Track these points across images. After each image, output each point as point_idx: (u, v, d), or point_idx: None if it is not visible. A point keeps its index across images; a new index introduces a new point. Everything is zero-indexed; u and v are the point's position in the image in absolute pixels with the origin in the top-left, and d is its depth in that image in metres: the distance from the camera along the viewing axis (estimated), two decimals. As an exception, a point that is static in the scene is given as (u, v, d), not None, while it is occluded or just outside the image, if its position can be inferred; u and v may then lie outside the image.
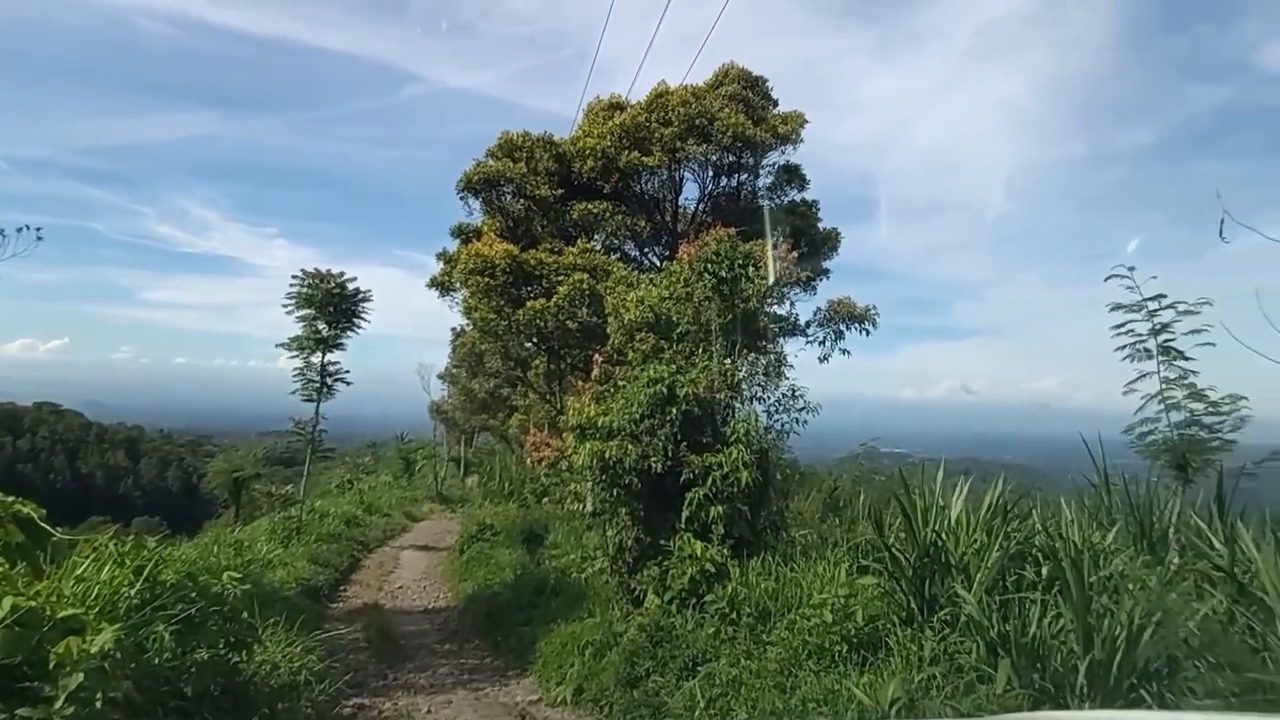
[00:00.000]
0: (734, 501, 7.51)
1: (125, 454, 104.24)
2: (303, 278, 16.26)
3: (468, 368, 35.47)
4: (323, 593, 13.31)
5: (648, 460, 7.51)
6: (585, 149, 15.81)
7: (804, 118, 17.10)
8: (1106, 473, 8.32)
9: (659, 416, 7.66)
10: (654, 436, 7.63)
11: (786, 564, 7.24)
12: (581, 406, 7.96)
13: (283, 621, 9.10)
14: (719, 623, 6.69)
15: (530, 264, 14.37)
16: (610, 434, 7.67)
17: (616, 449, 7.40)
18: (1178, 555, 6.79)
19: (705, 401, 7.83)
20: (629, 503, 7.81)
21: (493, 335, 15.57)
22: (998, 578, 5.82)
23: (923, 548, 6.09)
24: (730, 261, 8.40)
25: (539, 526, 15.56)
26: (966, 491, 6.68)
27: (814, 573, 6.94)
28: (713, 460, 7.47)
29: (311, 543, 15.41)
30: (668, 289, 9.00)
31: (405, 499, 26.98)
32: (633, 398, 7.75)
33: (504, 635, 10.51)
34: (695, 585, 7.06)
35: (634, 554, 7.95)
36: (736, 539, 7.49)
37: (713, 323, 8.44)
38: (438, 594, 14.31)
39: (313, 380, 16.52)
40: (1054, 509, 7.98)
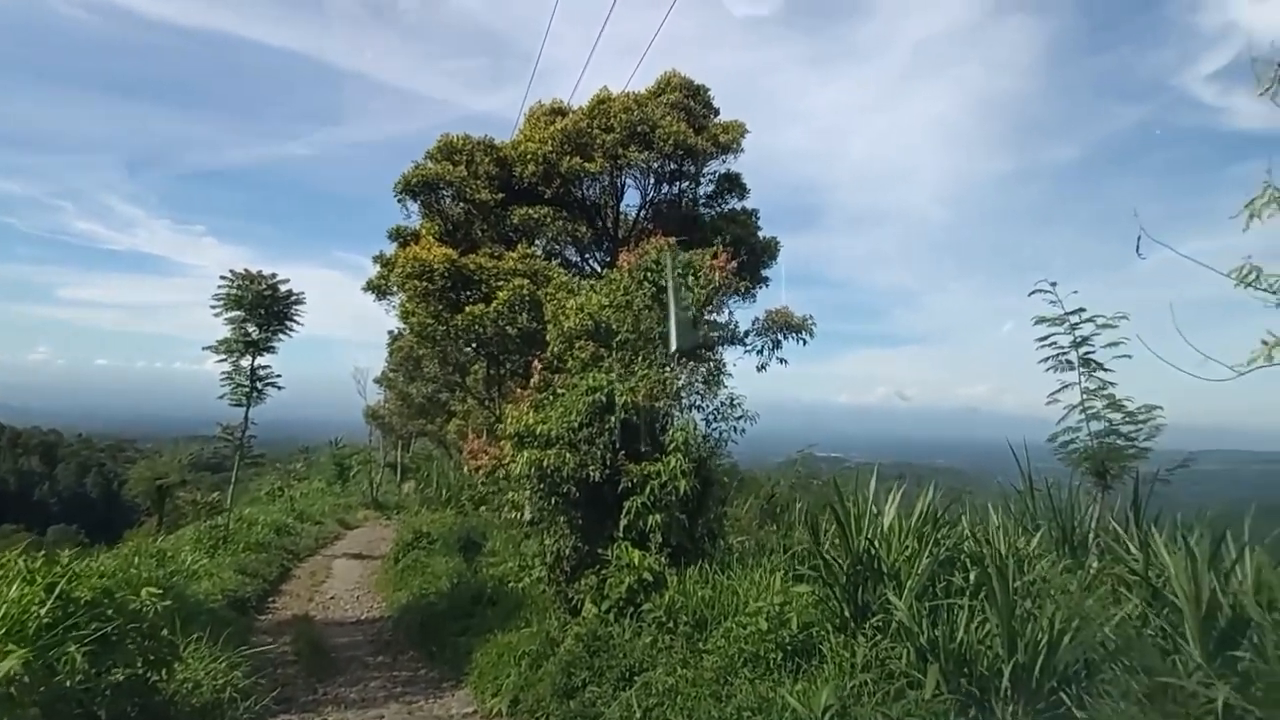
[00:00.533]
0: (672, 510, 7.52)
1: (41, 459, 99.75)
2: (232, 278, 15.92)
3: (405, 372, 34.94)
4: (250, 604, 12.94)
5: (586, 469, 7.48)
6: (526, 153, 15.72)
7: (745, 127, 17.33)
8: (1031, 479, 8.63)
9: (597, 425, 7.64)
10: (592, 445, 7.60)
11: (724, 572, 7.28)
12: (520, 414, 7.89)
13: (207, 636, 8.86)
14: (656, 632, 6.70)
15: (469, 269, 14.21)
16: (548, 442, 7.62)
17: (555, 457, 7.35)
18: (1096, 560, 7.08)
19: (644, 410, 7.84)
20: (567, 511, 7.76)
21: (430, 340, 15.33)
22: (928, 584, 5.96)
23: (856, 555, 6.20)
24: (670, 270, 8.43)
25: (477, 534, 15.34)
26: (899, 498, 6.82)
27: (750, 580, 6.99)
28: (651, 469, 7.48)
29: (239, 552, 15.02)
30: (608, 297, 8.99)
31: (339, 506, 26.40)
32: (571, 406, 7.72)
33: (439, 646, 10.35)
34: (633, 594, 7.06)
35: (571, 563, 7.91)
36: (674, 547, 7.51)
37: (652, 331, 8.45)
38: (371, 604, 14.03)
39: (242, 385, 16.21)
40: (982, 514, 8.24)
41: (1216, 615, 3.98)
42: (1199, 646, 3.93)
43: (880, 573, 6.22)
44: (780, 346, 9.28)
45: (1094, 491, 7.73)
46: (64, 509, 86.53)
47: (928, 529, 7.03)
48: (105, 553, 14.97)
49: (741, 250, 14.48)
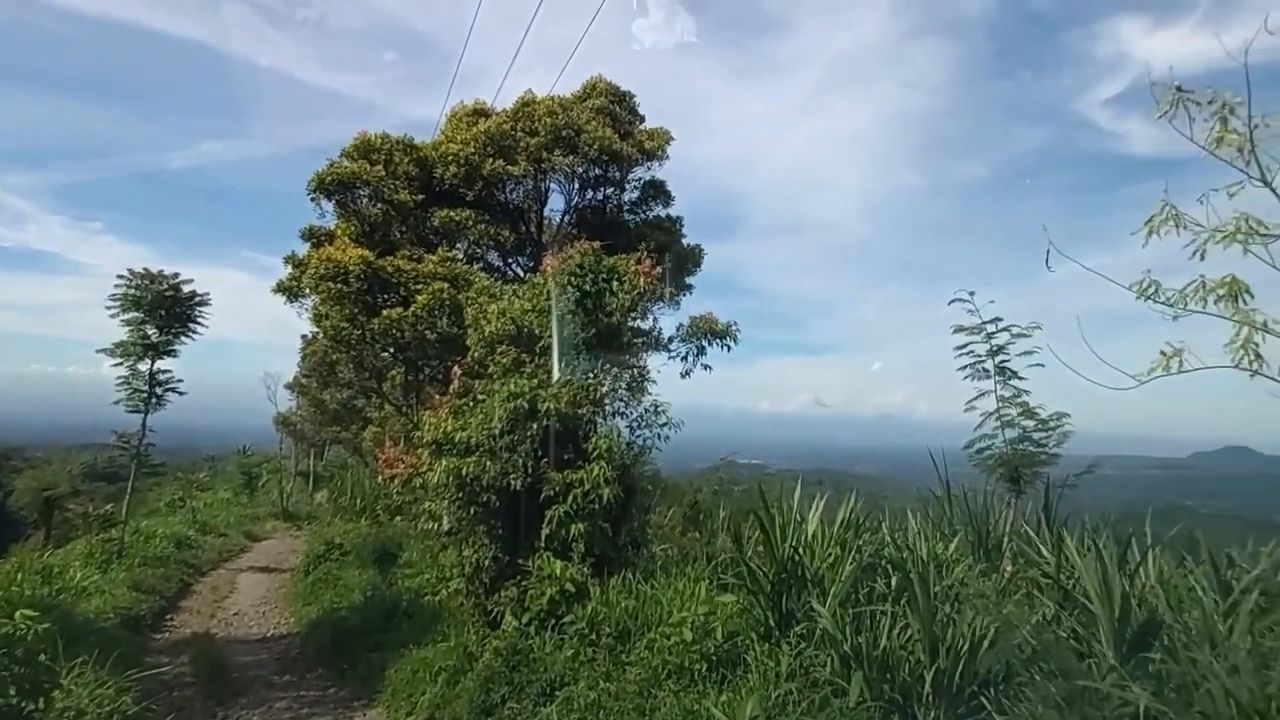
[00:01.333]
0: (595, 518, 7.38)
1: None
2: (130, 278, 15.01)
3: (318, 377, 33.75)
4: (146, 623, 12.23)
5: (507, 477, 7.27)
6: (448, 155, 15.34)
7: (670, 134, 17.35)
8: (949, 485, 8.83)
9: (519, 432, 7.44)
10: (514, 453, 7.40)
11: (647, 581, 7.17)
12: (438, 421, 7.61)
13: (94, 659, 8.31)
14: (578, 644, 6.52)
15: (387, 271, 13.75)
16: (468, 450, 7.37)
17: (474, 465, 7.11)
18: (1010, 564, 7.26)
19: (567, 417, 7.67)
20: (486, 521, 7.52)
21: (345, 345, 14.75)
22: (851, 590, 5.98)
23: (781, 562, 6.17)
24: (594, 275, 8.30)
25: (392, 545, 14.88)
26: (823, 506, 6.84)
27: (675, 589, 6.90)
28: (574, 477, 7.31)
29: (135, 567, 14.19)
30: (530, 301, 8.79)
31: (246, 517, 25.24)
32: (492, 412, 7.49)
33: (350, 663, 9.94)
34: (555, 606, 6.87)
35: (491, 574, 7.67)
36: (598, 557, 7.36)
37: (576, 337, 8.30)
38: (278, 620, 13.41)
39: (140, 390, 15.30)
40: (900, 520, 8.38)
41: (1130, 618, 4.07)
42: (1113, 649, 4.01)
43: (804, 580, 6.21)
44: (704, 353, 9.27)
45: (1007, 497, 7.94)
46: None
47: (849, 535, 7.09)
48: None
49: (666, 257, 14.44)
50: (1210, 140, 4.79)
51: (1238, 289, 4.71)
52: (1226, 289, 4.71)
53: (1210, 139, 4.77)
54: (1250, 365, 4.52)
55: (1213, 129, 4.79)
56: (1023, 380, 7.24)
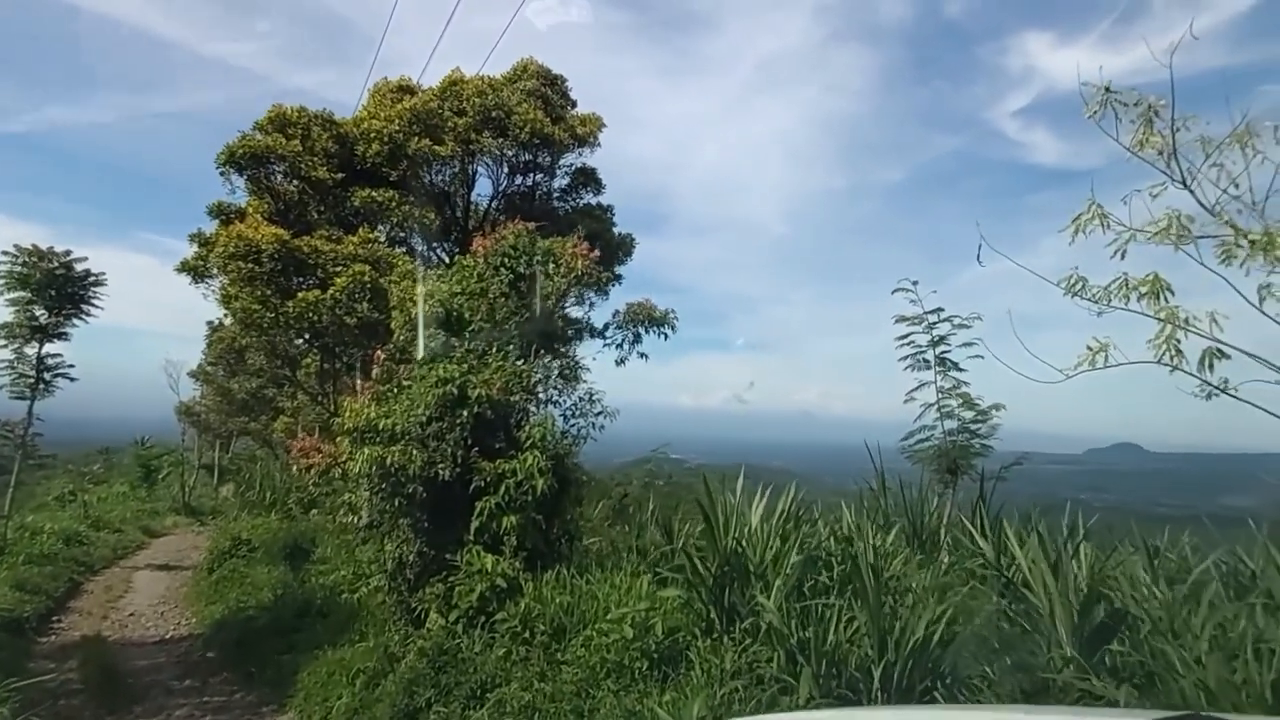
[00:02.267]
0: (528, 511, 7.03)
1: None
2: (16, 254, 14.05)
3: (225, 365, 32.10)
4: (29, 625, 11.39)
5: (435, 467, 6.85)
6: (370, 131, 14.63)
7: (602, 121, 17.03)
8: (884, 477, 8.83)
9: (448, 419, 7.02)
10: (442, 441, 6.98)
11: (582, 576, 6.88)
12: (360, 408, 7.12)
13: None
14: (510, 643, 6.17)
15: (304, 251, 12.99)
16: (393, 438, 6.92)
17: (399, 455, 6.67)
18: (947, 554, 7.26)
19: (499, 404, 7.29)
20: (411, 514, 7.08)
21: (257, 329, 13.92)
22: (796, 584, 5.82)
23: (723, 555, 5.97)
24: (528, 257, 7.94)
25: (305, 540, 14.19)
26: (766, 498, 6.67)
27: (611, 584, 6.63)
28: (506, 467, 6.95)
29: (18, 565, 13.22)
30: (459, 283, 8.36)
31: (144, 512, 23.85)
32: (419, 398, 7.05)
33: (259, 665, 9.38)
34: (484, 602, 6.50)
35: (416, 570, 7.23)
36: (530, 551, 7.02)
37: (508, 321, 7.93)
38: (179, 621, 12.64)
39: (26, 375, 14.24)
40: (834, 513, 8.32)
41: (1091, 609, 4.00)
42: (1072, 640, 3.93)
43: (748, 573, 6.03)
44: (640, 341, 9.01)
45: (940, 488, 7.97)
46: None
47: (789, 527, 6.95)
48: None
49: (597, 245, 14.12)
50: (1134, 142, 4.84)
51: (1159, 286, 4.77)
52: (1149, 286, 4.78)
53: (1134, 140, 4.82)
54: (1171, 360, 4.59)
55: (1138, 131, 4.84)
56: (963, 371, 7.27)
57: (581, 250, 7.98)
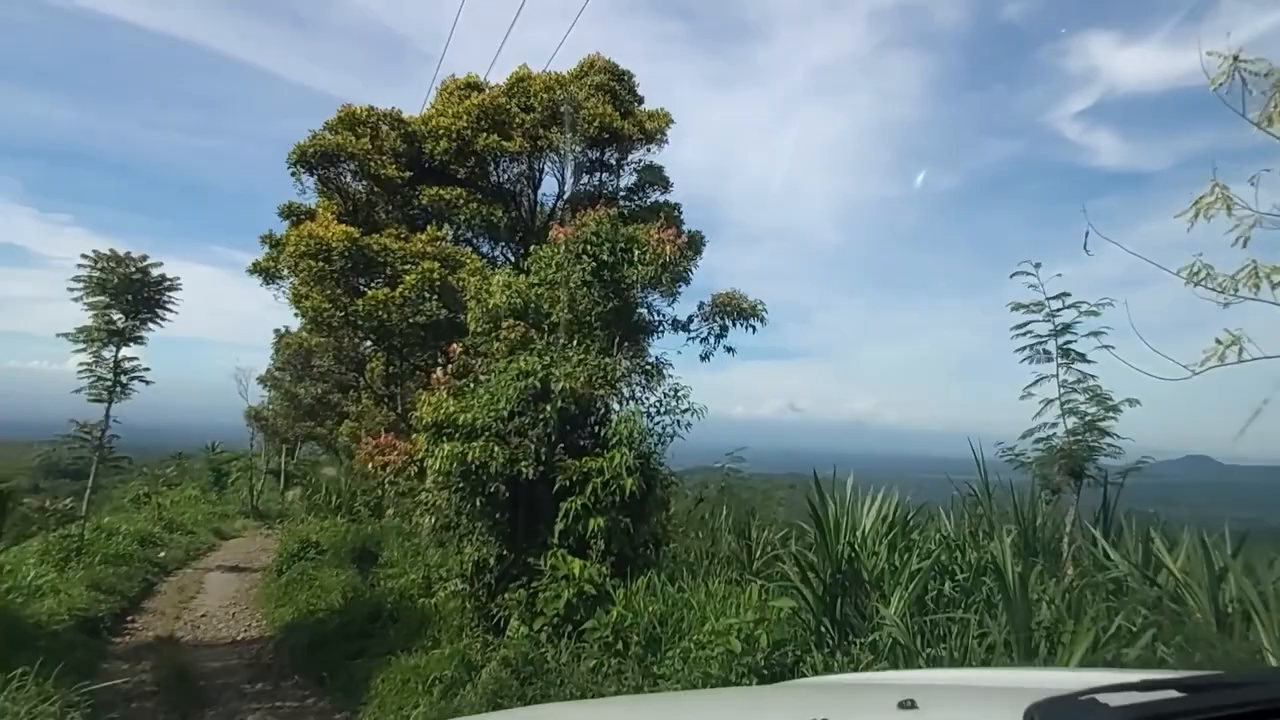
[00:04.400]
0: (615, 512, 6.57)
1: None
2: (95, 259, 14.26)
3: (292, 371, 32.50)
4: (104, 625, 11.36)
5: (517, 465, 6.43)
6: (438, 128, 14.41)
7: (670, 117, 16.55)
8: (988, 482, 8.11)
9: (530, 414, 6.61)
10: (524, 437, 6.57)
11: (673, 583, 6.38)
12: (438, 401, 6.75)
13: (41, 666, 7.48)
14: (601, 654, 5.70)
15: (373, 249, 12.79)
16: (472, 434, 6.52)
17: (480, 451, 6.27)
18: (1072, 566, 6.56)
19: (583, 399, 6.86)
20: (492, 514, 6.68)
21: (326, 329, 13.80)
22: (917, 595, 5.22)
23: (835, 562, 5.41)
24: (611, 244, 7.50)
25: (372, 544, 14.03)
26: (880, 501, 6.06)
27: (705, 592, 6.12)
28: (593, 465, 6.50)
29: (95, 565, 13.27)
30: (537, 274, 7.97)
31: (215, 514, 24.28)
32: (500, 392, 6.65)
33: (330, 670, 9.09)
34: (571, 610, 6.04)
35: (495, 574, 6.82)
36: (617, 555, 6.55)
37: (590, 312, 7.49)
38: (249, 622, 12.53)
39: (104, 378, 14.51)
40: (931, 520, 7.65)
41: None
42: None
43: (861, 582, 5.46)
44: (725, 334, 8.46)
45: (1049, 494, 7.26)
46: (-123, 521, 77.47)
47: (896, 534, 6.35)
48: None
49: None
50: (1263, 116, 4.20)
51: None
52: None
53: (1264, 115, 4.19)
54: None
55: (1270, 103, 4.20)
56: (1091, 363, 6.54)
57: (668, 235, 7.50)
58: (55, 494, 21.52)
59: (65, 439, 15.93)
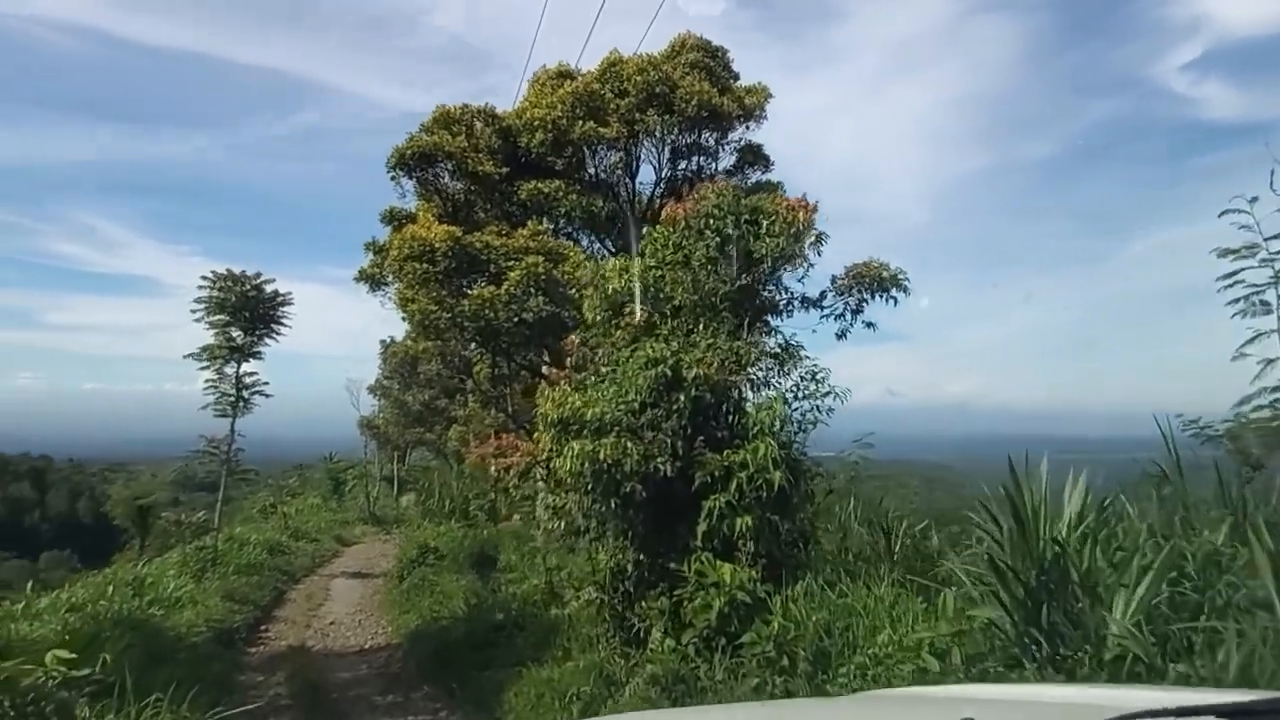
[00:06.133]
0: (762, 509, 5.91)
1: (31, 485, 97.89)
2: (214, 280, 14.76)
3: (400, 379, 33.40)
4: (239, 635, 11.49)
5: (653, 461, 5.85)
6: (533, 120, 14.05)
7: (769, 91, 15.75)
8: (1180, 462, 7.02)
9: (663, 406, 6.02)
10: (658, 431, 5.98)
11: (832, 588, 5.67)
12: (561, 397, 6.24)
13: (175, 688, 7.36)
14: (763, 671, 5.04)
15: (475, 247, 12.54)
16: (601, 430, 5.98)
17: (612, 448, 5.71)
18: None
19: (717, 386, 6.22)
20: (627, 516, 6.12)
21: (433, 331, 13.68)
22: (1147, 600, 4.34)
23: (1039, 562, 4.59)
24: (735, 217, 6.83)
25: (490, 548, 13.82)
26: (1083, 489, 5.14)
27: (874, 598, 5.39)
28: (735, 459, 5.85)
29: (229, 575, 13.62)
30: (653, 256, 7.39)
31: (335, 522, 24.94)
32: (628, 383, 6.09)
33: (459, 681, 8.76)
34: (724, 621, 5.41)
35: (633, 581, 6.26)
36: (766, 558, 5.88)
37: (716, 292, 6.84)
38: (375, 629, 12.50)
39: (227, 394, 15.01)
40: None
41: None
42: None
43: (1069, 583, 4.62)
44: (862, 310, 7.65)
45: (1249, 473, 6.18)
46: (56, 535, 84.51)
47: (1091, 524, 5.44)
48: (85, 577, 13.58)
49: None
50: None
51: None
52: None
53: None
54: None
55: None
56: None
57: (801, 203, 6.78)
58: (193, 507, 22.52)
59: (196, 454, 16.49)
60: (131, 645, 9.07)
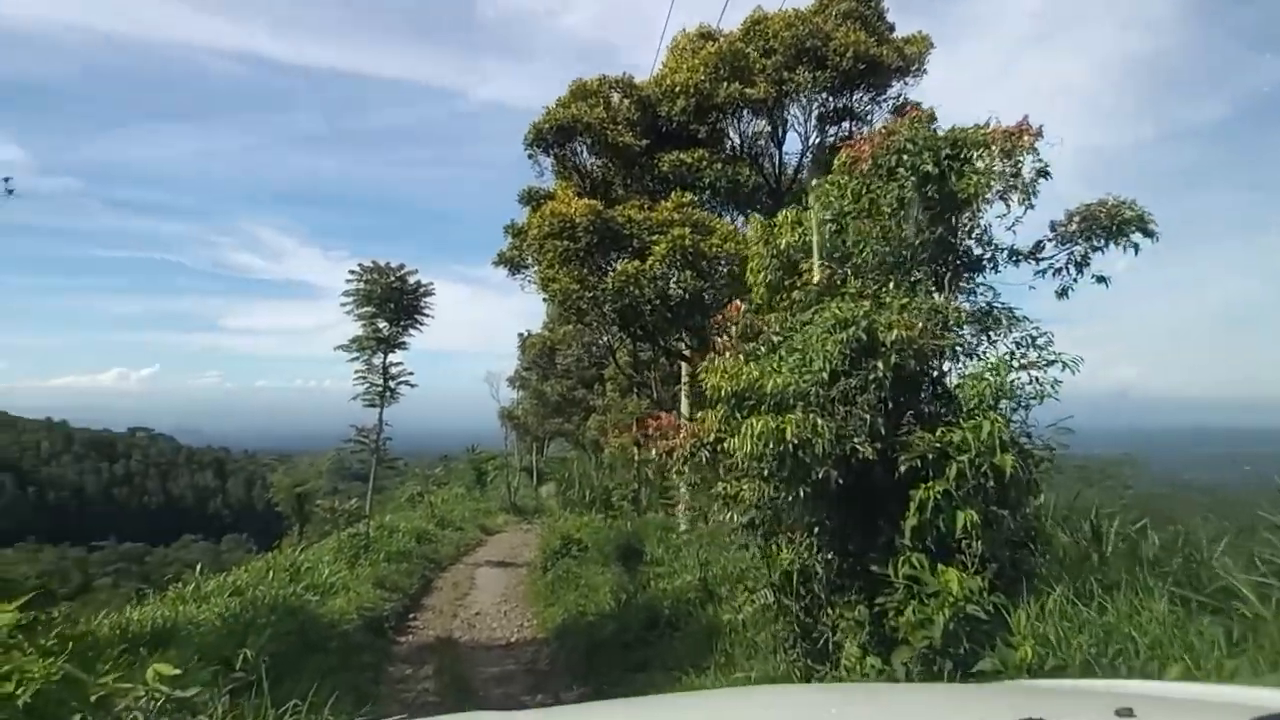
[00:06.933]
0: (985, 503, 4.77)
1: (213, 475, 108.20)
2: (360, 272, 15.24)
3: (538, 369, 33.74)
4: (388, 624, 11.45)
5: (850, 441, 4.82)
6: (674, 86, 13.17)
7: (930, 41, 14.21)
8: None
9: (858, 376, 4.98)
10: (853, 406, 4.94)
11: (1087, 603, 4.47)
12: (735, 367, 5.31)
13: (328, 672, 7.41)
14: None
15: (617, 221, 11.82)
16: (782, 405, 5.01)
17: (800, 426, 4.73)
18: None
19: (921, 352, 5.12)
20: (817, 506, 5.12)
21: (574, 311, 13.09)
22: None
23: None
24: (935, 152, 5.67)
25: (635, 540, 13.15)
26: None
27: (1151, 615, 4.17)
28: (952, 438, 4.73)
29: (380, 562, 13.79)
30: (826, 209, 6.33)
31: (479, 511, 25.47)
32: (813, 349, 5.08)
33: (612, 683, 8.08)
34: (951, 640, 4.32)
35: (822, 583, 5.26)
36: (994, 561, 4.73)
37: (908, 243, 5.72)
38: (521, 621, 12.16)
39: (375, 384, 15.44)
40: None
41: None
42: None
43: None
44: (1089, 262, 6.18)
45: None
46: (235, 520, 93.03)
47: None
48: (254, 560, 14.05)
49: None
50: None
51: None
52: None
53: None
54: None
55: None
56: None
57: (1024, 126, 5.53)
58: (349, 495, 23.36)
59: (347, 443, 16.94)
60: (286, 632, 9.01)
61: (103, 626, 8.91)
